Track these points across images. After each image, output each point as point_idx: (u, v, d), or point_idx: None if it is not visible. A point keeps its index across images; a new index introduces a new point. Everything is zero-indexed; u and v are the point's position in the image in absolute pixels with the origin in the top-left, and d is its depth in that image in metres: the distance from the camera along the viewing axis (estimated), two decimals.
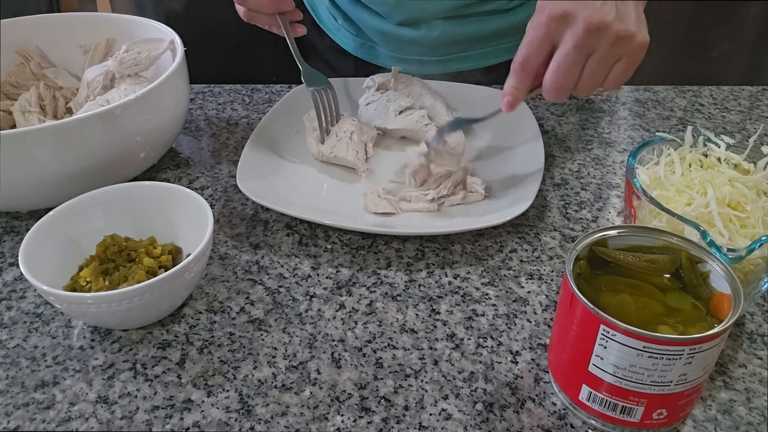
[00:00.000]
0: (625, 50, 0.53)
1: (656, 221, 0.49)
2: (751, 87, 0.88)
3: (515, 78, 0.56)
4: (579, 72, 0.53)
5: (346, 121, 0.71)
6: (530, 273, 0.57)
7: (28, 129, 0.56)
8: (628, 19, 0.52)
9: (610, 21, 0.51)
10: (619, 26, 0.51)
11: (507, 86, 0.57)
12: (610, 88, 0.56)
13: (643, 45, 0.53)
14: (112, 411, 0.46)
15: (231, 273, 0.57)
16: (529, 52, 0.54)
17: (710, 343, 0.38)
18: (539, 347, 0.50)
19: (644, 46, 0.53)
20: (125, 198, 0.57)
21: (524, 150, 0.70)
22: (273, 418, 0.45)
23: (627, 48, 0.53)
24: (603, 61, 0.53)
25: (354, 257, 0.59)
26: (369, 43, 0.87)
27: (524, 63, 0.55)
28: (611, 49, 0.52)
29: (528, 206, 0.60)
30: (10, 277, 0.57)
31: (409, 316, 0.53)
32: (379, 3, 0.80)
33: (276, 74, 0.87)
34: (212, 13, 1.22)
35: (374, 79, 0.78)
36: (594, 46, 0.52)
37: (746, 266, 0.46)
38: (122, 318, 0.49)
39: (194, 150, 0.75)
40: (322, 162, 0.70)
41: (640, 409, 0.41)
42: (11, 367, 0.49)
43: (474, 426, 0.45)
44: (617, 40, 0.52)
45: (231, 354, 0.50)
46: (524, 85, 0.56)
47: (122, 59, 0.70)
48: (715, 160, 0.55)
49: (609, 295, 0.42)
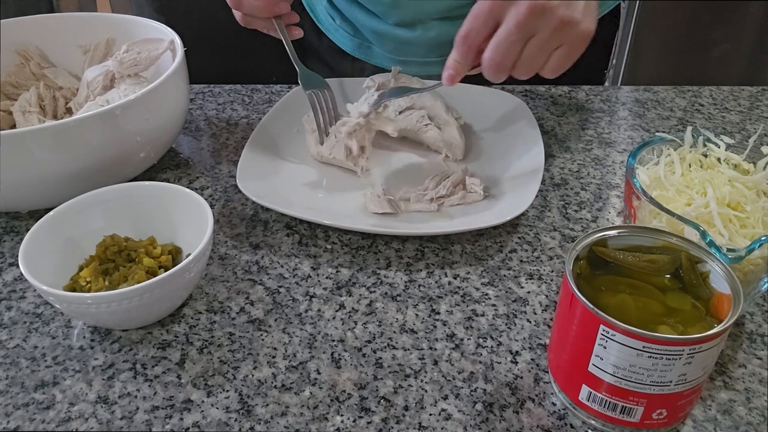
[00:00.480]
0: (567, 36, 0.52)
1: (656, 221, 0.49)
2: (751, 87, 0.88)
3: (457, 51, 0.55)
4: (518, 52, 0.53)
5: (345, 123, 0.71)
6: (530, 273, 0.57)
7: (28, 129, 0.56)
8: (574, 6, 0.51)
9: (555, 5, 0.50)
10: (564, 11, 0.51)
11: (449, 60, 0.56)
12: (548, 75, 0.55)
13: (586, 34, 0.53)
14: (112, 411, 0.46)
15: (231, 273, 0.57)
16: (471, 26, 0.54)
17: (710, 343, 0.38)
18: (539, 347, 0.50)
19: (587, 36, 0.53)
20: (125, 198, 0.57)
21: (524, 150, 0.70)
22: (273, 418, 0.45)
23: (569, 34, 0.52)
24: (543, 45, 0.52)
25: (354, 257, 0.59)
26: (366, 44, 0.87)
27: (466, 36, 0.54)
28: (553, 33, 0.52)
29: (528, 206, 0.60)
30: (10, 277, 0.57)
31: (409, 316, 0.53)
32: (375, 3, 0.80)
33: (276, 74, 0.87)
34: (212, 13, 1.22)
35: (374, 80, 0.78)
36: (536, 28, 0.51)
37: (746, 266, 0.46)
38: (122, 318, 0.49)
39: (194, 150, 0.75)
40: (322, 162, 0.70)
41: (640, 409, 0.41)
42: (11, 367, 0.49)
43: (474, 426, 0.45)
44: (560, 24, 0.51)
45: (231, 354, 0.50)
46: (466, 59, 0.55)
47: (122, 59, 0.70)
48: (715, 161, 0.55)
49: (609, 295, 0.42)
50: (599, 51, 0.94)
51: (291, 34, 0.73)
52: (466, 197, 0.64)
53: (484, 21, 0.53)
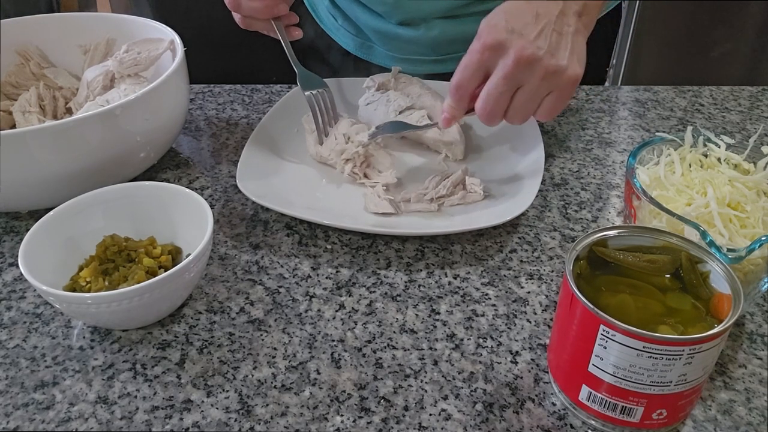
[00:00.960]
0: (556, 84, 0.54)
1: (656, 221, 0.49)
2: (751, 87, 0.88)
3: (452, 99, 0.58)
4: (508, 101, 0.55)
5: (344, 123, 0.71)
6: (530, 273, 0.57)
7: (28, 129, 0.56)
8: (560, 54, 0.53)
9: (540, 56, 0.52)
10: (549, 61, 0.53)
11: (445, 105, 0.59)
12: (543, 119, 0.58)
13: (573, 80, 0.54)
14: (111, 411, 0.46)
15: (231, 273, 0.57)
16: (462, 77, 0.56)
17: (710, 343, 0.38)
18: (539, 347, 0.50)
19: (574, 81, 0.55)
20: (125, 198, 0.57)
21: (524, 150, 0.70)
22: (273, 418, 0.45)
23: (557, 82, 0.54)
24: (532, 94, 0.55)
25: (354, 257, 0.59)
26: (368, 43, 0.87)
27: (458, 87, 0.57)
28: (541, 82, 0.54)
29: (528, 206, 0.60)
30: (10, 277, 0.57)
31: (409, 316, 0.53)
32: (378, 2, 0.80)
33: (276, 74, 0.87)
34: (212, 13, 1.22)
35: (374, 79, 0.78)
36: (523, 78, 0.54)
37: (746, 266, 0.46)
38: (122, 318, 0.49)
39: (194, 150, 0.75)
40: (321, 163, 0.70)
41: (640, 409, 0.41)
42: (11, 367, 0.49)
43: (474, 426, 0.45)
44: (546, 74, 0.53)
45: (231, 354, 0.50)
46: (460, 105, 0.59)
47: (122, 59, 0.70)
48: (715, 160, 0.55)
49: (609, 295, 0.42)
50: (599, 51, 0.94)
51: (290, 35, 0.73)
52: (466, 197, 0.64)
53: (474, 72, 0.56)
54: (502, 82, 0.54)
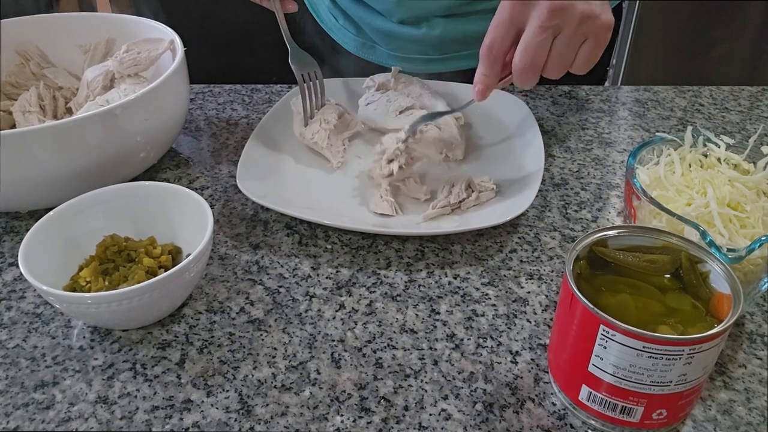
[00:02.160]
0: (591, 30, 0.53)
1: (656, 221, 0.49)
2: (751, 87, 0.88)
3: (484, 64, 0.56)
4: (546, 52, 0.54)
5: (331, 110, 0.71)
6: (530, 273, 0.57)
7: (28, 129, 0.56)
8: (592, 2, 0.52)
9: (573, 2, 0.51)
10: (583, 6, 0.52)
11: (477, 75, 0.57)
12: (580, 71, 0.56)
13: (608, 25, 0.54)
14: (111, 411, 0.46)
15: (231, 273, 0.57)
16: (495, 35, 0.54)
17: (710, 343, 0.38)
18: (539, 347, 0.50)
19: (609, 26, 0.54)
20: (125, 198, 0.57)
21: (524, 150, 0.70)
22: (273, 418, 0.45)
23: (592, 28, 0.53)
24: (570, 41, 0.53)
25: (354, 257, 0.59)
26: (370, 43, 0.87)
27: (491, 46, 0.55)
28: (577, 28, 0.53)
29: (528, 206, 0.60)
30: (10, 277, 0.57)
31: (409, 316, 0.53)
32: (380, 1, 0.80)
33: (276, 74, 0.87)
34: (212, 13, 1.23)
35: (374, 79, 0.78)
36: (560, 26, 0.52)
37: (746, 266, 0.46)
38: (122, 318, 0.49)
39: (194, 150, 0.75)
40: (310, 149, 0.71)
41: (640, 409, 0.41)
42: (11, 367, 0.49)
43: (474, 426, 0.45)
44: (582, 19, 0.52)
45: (231, 354, 0.50)
46: (494, 71, 0.56)
47: (122, 59, 0.70)
48: (715, 160, 0.55)
49: (609, 295, 0.42)
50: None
51: (284, 7, 0.72)
52: (480, 197, 0.64)
53: (507, 29, 0.54)
54: (539, 31, 0.52)
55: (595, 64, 0.56)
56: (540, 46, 0.53)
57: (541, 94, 0.85)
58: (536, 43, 0.53)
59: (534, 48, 0.53)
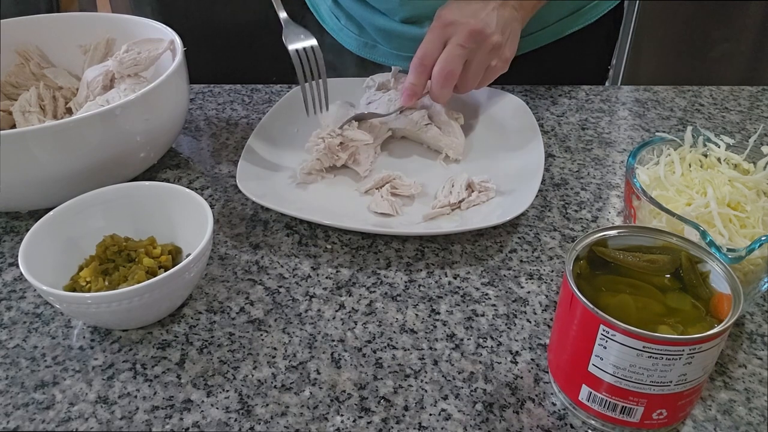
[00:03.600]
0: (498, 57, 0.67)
1: (656, 221, 0.49)
2: (751, 87, 0.88)
3: (414, 73, 0.67)
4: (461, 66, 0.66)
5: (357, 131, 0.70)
6: (530, 273, 0.57)
7: (28, 129, 0.56)
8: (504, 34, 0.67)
9: (488, 32, 0.65)
10: (495, 37, 0.65)
11: (406, 83, 0.68)
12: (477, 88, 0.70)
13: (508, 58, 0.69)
14: (111, 411, 0.46)
15: (231, 273, 0.57)
16: (426, 49, 0.66)
17: (710, 343, 0.38)
18: (539, 347, 0.50)
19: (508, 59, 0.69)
20: (125, 198, 0.57)
21: (524, 150, 0.70)
22: (273, 418, 0.45)
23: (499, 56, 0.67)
24: (481, 64, 0.67)
25: (354, 257, 0.59)
26: (371, 42, 0.87)
27: (423, 58, 0.66)
28: (488, 54, 0.66)
29: (528, 206, 0.60)
30: (10, 277, 0.57)
31: (409, 316, 0.53)
32: (383, 1, 0.80)
33: (276, 74, 0.88)
34: (212, 13, 1.23)
35: (374, 79, 0.78)
36: (475, 49, 0.65)
37: (746, 266, 0.46)
38: (122, 318, 0.49)
39: (194, 150, 0.75)
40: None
41: (640, 409, 0.41)
42: (11, 367, 0.49)
43: (474, 426, 0.45)
44: (493, 48, 0.66)
45: (231, 354, 0.50)
46: (421, 80, 0.68)
47: (122, 59, 0.70)
48: (715, 160, 0.55)
49: (609, 295, 0.42)
50: (601, 50, 0.94)
51: None
52: (480, 197, 0.64)
53: (435, 44, 0.66)
54: (458, 48, 0.65)
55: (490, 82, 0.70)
56: (458, 59, 0.65)
57: (541, 94, 0.85)
58: (455, 56, 0.65)
59: (452, 59, 0.65)
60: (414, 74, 0.67)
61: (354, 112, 0.72)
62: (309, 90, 0.67)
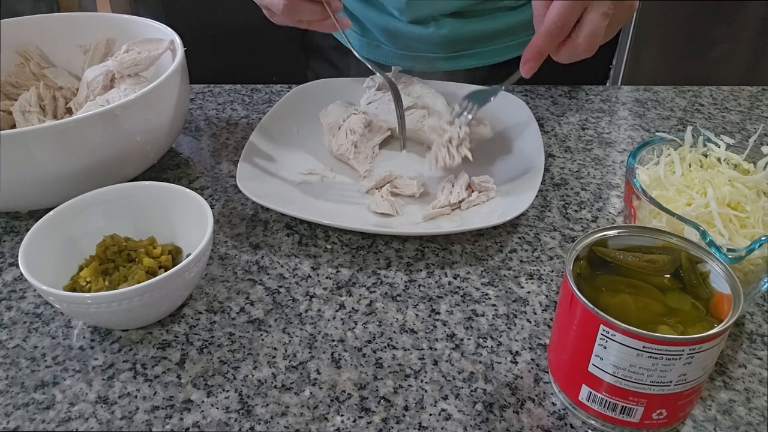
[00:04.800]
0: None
1: (656, 221, 0.49)
2: (751, 87, 0.88)
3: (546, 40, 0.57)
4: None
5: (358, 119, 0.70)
6: (530, 273, 0.57)
7: (28, 129, 0.56)
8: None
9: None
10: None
11: (531, 53, 0.58)
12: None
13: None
14: (111, 411, 0.46)
15: (231, 273, 0.57)
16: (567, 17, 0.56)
17: (710, 343, 0.38)
18: (539, 347, 0.50)
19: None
20: (125, 198, 0.57)
21: (524, 150, 0.70)
22: (273, 418, 0.45)
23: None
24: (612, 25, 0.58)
25: (354, 257, 0.59)
26: (375, 42, 0.87)
27: (564, 26, 0.56)
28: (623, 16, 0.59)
29: (528, 206, 0.60)
30: (10, 277, 0.57)
31: (409, 316, 0.53)
32: (391, 1, 0.80)
33: (276, 74, 0.88)
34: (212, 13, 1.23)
35: (374, 79, 0.78)
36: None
37: (746, 266, 0.46)
38: (122, 318, 0.49)
39: (194, 150, 0.75)
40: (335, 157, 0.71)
41: (640, 409, 0.41)
42: (11, 367, 0.49)
43: (474, 426, 0.45)
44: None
45: (231, 354, 0.50)
46: (553, 47, 0.58)
47: (122, 59, 0.70)
48: (715, 160, 0.55)
49: (609, 295, 0.42)
50: (603, 50, 0.94)
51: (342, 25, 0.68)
52: (480, 197, 0.64)
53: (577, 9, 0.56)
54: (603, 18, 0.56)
55: None
56: (602, 30, 0.57)
57: (541, 94, 0.85)
58: (601, 27, 0.56)
59: (600, 31, 0.57)
60: (547, 40, 0.57)
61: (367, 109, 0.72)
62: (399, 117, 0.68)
